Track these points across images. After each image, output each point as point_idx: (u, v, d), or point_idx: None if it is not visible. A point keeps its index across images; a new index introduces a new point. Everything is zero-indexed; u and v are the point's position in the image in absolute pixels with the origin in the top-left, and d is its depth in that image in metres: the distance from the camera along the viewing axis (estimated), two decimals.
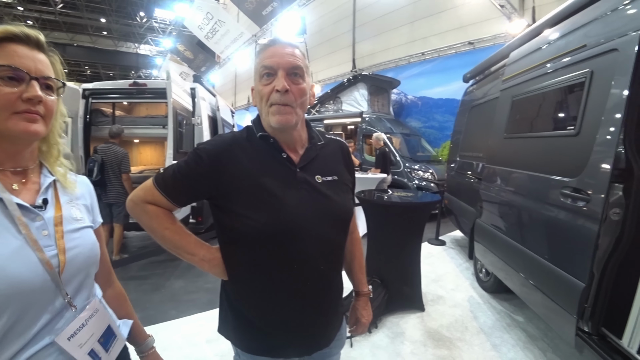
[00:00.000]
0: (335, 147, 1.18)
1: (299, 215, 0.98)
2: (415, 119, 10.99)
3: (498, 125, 3.18)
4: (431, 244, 5.48)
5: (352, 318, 1.34)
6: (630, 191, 1.82)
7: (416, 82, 11.10)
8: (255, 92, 1.01)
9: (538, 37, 2.84)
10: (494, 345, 2.77)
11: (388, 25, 12.55)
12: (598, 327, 2.01)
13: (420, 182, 7.18)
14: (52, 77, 0.77)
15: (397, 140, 8.40)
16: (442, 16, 10.65)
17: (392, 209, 3.20)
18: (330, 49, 15.82)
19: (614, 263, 1.89)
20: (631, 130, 1.81)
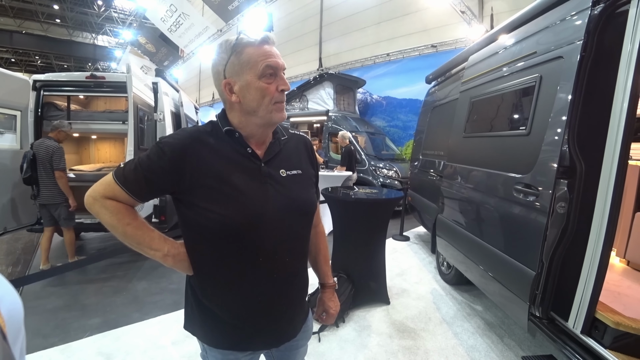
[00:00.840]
0: (298, 142, 1.20)
1: (263, 209, 1.00)
2: (380, 118, 11.24)
3: (457, 125, 3.34)
4: (396, 240, 5.65)
5: (320, 310, 1.36)
6: (573, 186, 1.99)
7: (381, 82, 11.35)
8: (250, 89, 0.97)
9: (494, 42, 3.02)
10: (455, 334, 2.93)
11: (354, 26, 12.73)
12: (548, 312, 2.18)
13: (385, 180, 7.37)
14: None
15: (363, 139, 8.57)
16: (407, 19, 10.94)
17: (356, 205, 3.28)
18: (297, 46, 15.80)
19: (561, 252, 2.07)
20: (574, 131, 1.99)
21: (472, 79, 3.23)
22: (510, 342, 2.83)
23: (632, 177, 2.90)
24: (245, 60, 0.96)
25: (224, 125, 1.03)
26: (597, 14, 1.96)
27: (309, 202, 1.14)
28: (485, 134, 2.87)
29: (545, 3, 2.44)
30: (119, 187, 0.99)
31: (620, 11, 1.92)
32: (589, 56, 1.96)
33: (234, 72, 0.98)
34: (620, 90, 1.82)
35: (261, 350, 1.16)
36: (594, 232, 1.90)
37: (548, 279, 2.12)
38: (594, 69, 1.96)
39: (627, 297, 2.31)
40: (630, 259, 2.89)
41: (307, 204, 1.13)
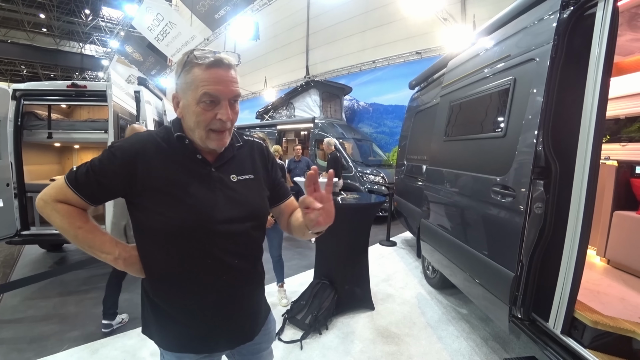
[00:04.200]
0: (253, 148, 1.22)
1: (212, 213, 1.02)
2: (367, 125, 11.30)
3: (438, 129, 3.36)
4: (383, 245, 5.64)
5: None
6: (549, 187, 2.00)
7: (367, 89, 11.44)
8: (189, 111, 0.99)
9: (471, 47, 3.05)
10: (439, 338, 2.91)
11: (340, 34, 12.86)
12: (529, 313, 2.18)
13: (372, 186, 7.38)
14: None
15: (350, 145, 8.59)
16: (391, 26, 11.09)
17: (337, 211, 3.26)
18: (284, 55, 15.92)
19: (539, 253, 2.07)
20: (548, 132, 2.01)
21: (451, 83, 3.26)
22: (495, 344, 2.82)
23: (610, 177, 2.94)
24: (189, 80, 0.97)
25: (176, 131, 1.05)
26: (566, 17, 1.99)
27: (259, 205, 1.16)
28: (464, 137, 2.89)
29: (518, 7, 2.48)
30: (71, 191, 0.99)
31: (588, 14, 1.96)
32: (560, 58, 1.99)
33: (180, 88, 1.01)
34: (589, 91, 1.85)
35: (216, 353, 1.16)
36: (570, 231, 1.91)
37: (528, 280, 2.12)
38: (565, 71, 2.00)
39: (606, 296, 2.32)
40: (610, 258, 2.92)
41: (257, 208, 1.15)
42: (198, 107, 0.97)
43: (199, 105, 0.96)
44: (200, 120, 0.97)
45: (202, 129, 0.99)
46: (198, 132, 1.00)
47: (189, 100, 0.98)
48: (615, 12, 1.81)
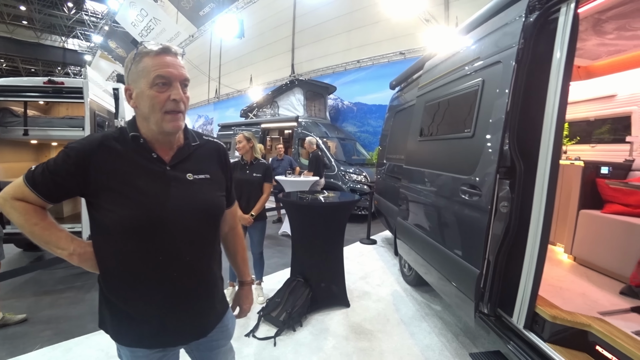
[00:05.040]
0: (211, 148, 1.26)
1: (165, 210, 1.05)
2: (351, 124, 11.37)
3: (414, 129, 3.42)
4: (363, 244, 5.69)
5: (234, 304, 1.45)
6: (514, 186, 2.06)
7: (352, 89, 11.52)
8: (143, 97, 1.03)
9: (446, 49, 3.11)
10: (411, 334, 2.96)
11: (326, 33, 12.90)
12: (495, 309, 2.24)
13: (355, 185, 7.43)
14: None
15: (333, 144, 8.62)
16: (376, 27, 11.17)
17: (310, 209, 3.29)
18: (270, 53, 15.87)
19: (505, 250, 2.13)
20: (513, 133, 2.07)
21: (426, 84, 3.32)
22: (465, 340, 2.89)
23: (576, 177, 3.04)
24: (140, 69, 1.02)
25: (131, 131, 1.08)
26: (531, 21, 2.05)
27: (215, 204, 1.20)
28: (437, 137, 2.94)
29: (488, 11, 2.54)
30: (28, 189, 1.03)
31: (552, 18, 2.02)
32: (524, 61, 2.05)
33: (132, 79, 1.05)
34: (551, 93, 1.91)
35: (170, 348, 1.18)
36: (532, 229, 1.97)
37: (494, 276, 2.18)
38: (530, 74, 2.05)
39: (568, 292, 2.40)
40: (576, 255, 3.01)
41: (213, 206, 1.19)
42: (152, 91, 1.02)
43: (153, 89, 1.01)
44: (155, 103, 1.02)
45: (157, 111, 1.03)
46: (153, 116, 1.03)
47: (142, 87, 1.02)
48: (575, 18, 1.88)
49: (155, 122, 1.04)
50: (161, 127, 1.05)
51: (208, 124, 20.83)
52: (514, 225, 2.09)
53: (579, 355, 1.92)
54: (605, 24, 2.60)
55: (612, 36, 2.82)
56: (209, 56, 20.32)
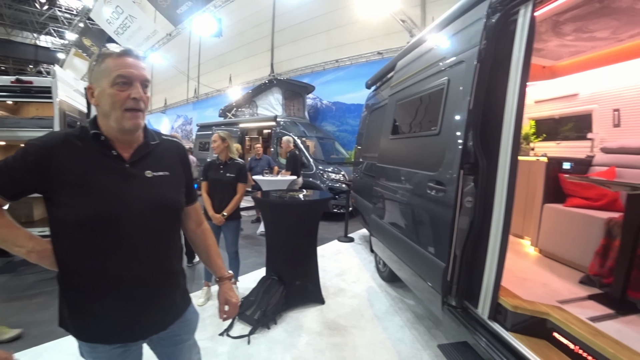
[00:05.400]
0: (170, 146, 1.30)
1: (123, 206, 1.08)
2: (330, 123, 11.44)
3: (386, 128, 3.48)
4: (340, 242, 5.75)
5: (222, 301, 1.43)
6: (477, 182, 2.13)
7: (331, 88, 11.59)
8: (104, 95, 1.07)
9: (415, 49, 3.18)
10: (384, 328, 3.02)
11: (306, 32, 12.91)
12: (462, 301, 2.31)
13: (333, 184, 7.48)
14: None
15: (312, 144, 8.66)
16: (354, 27, 11.26)
17: (283, 207, 3.31)
18: (249, 52, 15.78)
19: (470, 244, 2.19)
20: (477, 130, 2.13)
21: (397, 83, 3.38)
22: (437, 332, 2.96)
23: (540, 173, 3.16)
24: (103, 69, 1.07)
25: (92, 129, 1.11)
26: (492, 22, 2.12)
27: (173, 200, 1.23)
28: (407, 136, 3.01)
29: (454, 12, 2.61)
30: None
31: (511, 20, 2.10)
32: (486, 61, 2.12)
33: (94, 79, 1.09)
34: (511, 92, 1.99)
35: (130, 343, 1.19)
36: (495, 223, 2.04)
37: (461, 270, 2.25)
38: (492, 73, 2.12)
39: (531, 282, 2.50)
40: (541, 247, 3.13)
41: (171, 202, 1.22)
42: (112, 89, 1.05)
43: (113, 88, 1.05)
44: (116, 101, 1.06)
45: (117, 109, 1.06)
46: (114, 114, 1.07)
47: (104, 86, 1.06)
48: (532, 20, 1.96)
49: (116, 119, 1.07)
50: (121, 125, 1.08)
51: (187, 124, 20.54)
52: (478, 220, 2.16)
53: (539, 342, 2.01)
54: (564, 26, 2.71)
55: (571, 37, 2.94)
56: (188, 55, 20.02)
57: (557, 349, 1.95)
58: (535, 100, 4.21)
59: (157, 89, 22.96)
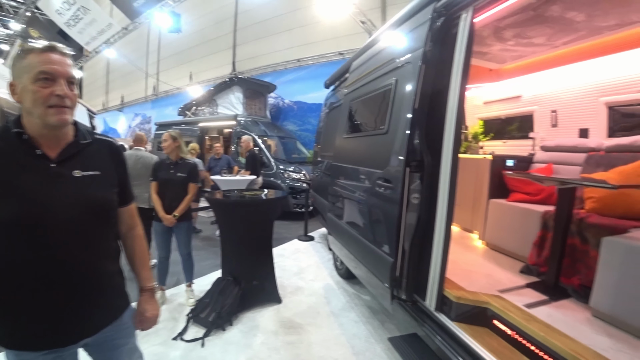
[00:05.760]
0: (102, 146, 1.25)
1: (47, 207, 1.04)
2: (292, 123, 11.45)
3: (341, 127, 3.53)
4: (301, 241, 5.77)
5: (138, 312, 1.37)
6: (423, 179, 2.21)
7: (293, 87, 11.61)
8: (26, 91, 1.03)
9: (368, 50, 3.25)
10: (340, 325, 3.06)
11: (268, 31, 12.85)
12: (411, 294, 2.39)
13: (294, 183, 7.48)
14: None
15: (273, 143, 8.62)
16: (317, 27, 11.33)
17: (236, 207, 3.29)
18: (210, 49, 15.46)
19: (417, 240, 2.27)
20: (422, 129, 2.21)
21: (351, 83, 3.44)
22: (391, 326, 3.05)
23: (486, 169, 3.32)
24: (25, 65, 1.03)
25: (14, 127, 1.06)
26: (436, 26, 2.21)
27: (104, 200, 1.19)
28: (359, 135, 3.07)
29: (404, 15, 2.69)
30: None
31: (454, 24, 2.19)
32: (430, 62, 2.20)
33: (16, 75, 1.05)
34: (452, 93, 2.08)
35: (60, 349, 1.13)
36: (439, 219, 2.13)
37: (410, 264, 2.32)
38: (436, 74, 2.21)
39: (476, 274, 2.62)
40: (487, 241, 3.29)
41: (102, 202, 1.18)
42: (35, 86, 1.01)
43: (36, 84, 1.01)
44: (37, 98, 1.02)
45: (39, 105, 1.02)
46: (36, 110, 1.03)
47: (25, 82, 1.02)
48: (472, 25, 2.06)
49: (39, 115, 1.04)
50: (45, 121, 1.04)
51: (146, 123, 19.78)
52: (424, 216, 2.23)
53: (480, 330, 2.12)
54: (504, 31, 2.87)
55: (512, 42, 3.12)
56: (147, 51, 19.27)
57: (496, 335, 2.07)
58: (484, 101, 4.43)
59: (113, 86, 21.99)
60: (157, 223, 3.23)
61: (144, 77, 19.39)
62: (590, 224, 2.34)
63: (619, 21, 2.64)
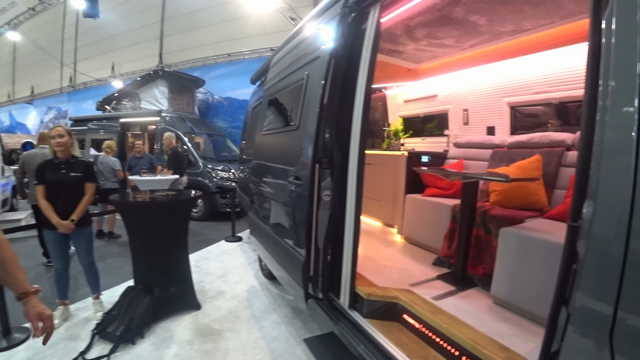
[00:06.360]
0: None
1: None
2: (222, 119, 11.07)
3: (260, 123, 3.42)
4: (228, 242, 5.55)
5: (34, 318, 1.19)
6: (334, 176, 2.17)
7: (223, 83, 11.21)
8: None
9: (287, 45, 3.17)
10: (260, 328, 2.96)
11: (198, 22, 12.29)
12: (327, 293, 2.35)
13: (223, 182, 7.19)
14: None
15: (202, 141, 8.24)
16: (248, 21, 11.03)
17: (144, 208, 3.04)
18: (135, 39, 14.38)
19: (329, 237, 2.22)
20: (332, 124, 2.16)
21: (271, 79, 3.34)
22: (313, 325, 3.00)
23: (402, 165, 3.41)
24: None
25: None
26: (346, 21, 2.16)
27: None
28: (274, 131, 2.98)
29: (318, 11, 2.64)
30: None
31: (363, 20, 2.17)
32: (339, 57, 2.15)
33: None
34: (359, 89, 2.06)
35: None
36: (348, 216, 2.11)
37: (324, 263, 2.27)
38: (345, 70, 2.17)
39: (390, 269, 2.66)
40: (405, 235, 3.39)
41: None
42: None
43: None
44: None
45: None
46: None
47: None
48: (379, 22, 2.06)
49: None
50: None
51: (61, 117, 17.84)
52: (335, 213, 2.19)
53: (391, 325, 2.14)
54: (415, 31, 2.95)
55: (424, 42, 3.23)
56: (62, 37, 17.35)
57: (406, 329, 2.10)
58: (405, 99, 4.57)
59: (21, 75, 19.59)
60: (48, 232, 2.80)
61: (59, 67, 17.51)
62: (492, 216, 2.47)
63: (515, 27, 2.83)
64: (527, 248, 2.02)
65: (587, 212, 0.93)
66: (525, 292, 2.01)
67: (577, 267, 0.98)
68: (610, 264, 0.87)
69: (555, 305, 1.08)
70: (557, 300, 1.07)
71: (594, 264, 0.92)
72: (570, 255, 1.04)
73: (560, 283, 1.07)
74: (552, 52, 2.93)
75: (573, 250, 1.02)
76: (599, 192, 0.90)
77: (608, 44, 0.90)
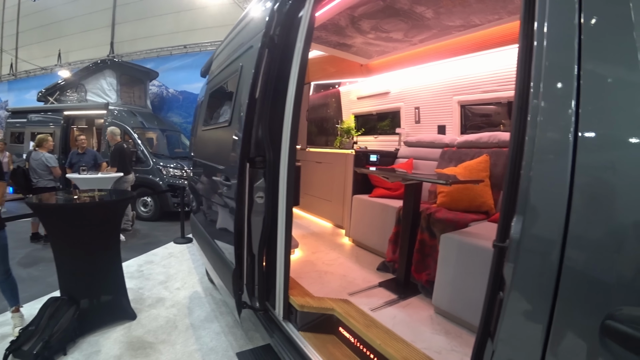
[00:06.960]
0: None
1: None
2: (177, 114, 10.58)
3: (200, 119, 3.20)
4: (177, 244, 5.25)
5: None
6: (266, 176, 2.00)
7: (178, 75, 10.71)
8: None
9: (229, 36, 2.95)
10: (198, 338, 2.74)
11: (153, 11, 11.69)
12: (263, 302, 2.18)
13: (175, 181, 6.82)
14: None
15: (154, 136, 7.79)
16: (204, 12, 10.61)
17: (64, 212, 2.71)
18: (85, 25, 13.45)
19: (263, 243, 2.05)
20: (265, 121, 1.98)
21: (212, 71, 3.12)
22: (255, 334, 2.82)
23: (350, 164, 3.29)
24: None
25: None
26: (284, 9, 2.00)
27: None
28: (210, 127, 2.78)
29: None
30: None
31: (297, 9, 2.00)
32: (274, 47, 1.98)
33: None
34: (291, 82, 1.89)
35: None
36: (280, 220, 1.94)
37: (260, 270, 2.10)
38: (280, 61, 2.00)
39: (331, 275, 2.53)
40: (353, 237, 3.27)
41: None
42: None
43: None
44: None
45: None
46: None
47: None
48: (314, 9, 1.90)
49: None
50: None
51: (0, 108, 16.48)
52: (268, 216, 2.02)
53: (327, 338, 2.00)
54: (361, 23, 2.81)
55: (372, 36, 3.10)
56: (1, 20, 16.06)
57: (342, 343, 1.97)
58: (358, 96, 4.46)
59: None
60: None
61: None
62: (437, 219, 2.38)
63: (463, 22, 2.76)
64: (467, 255, 1.93)
65: (515, 230, 0.80)
66: (466, 302, 1.93)
67: (503, 296, 0.85)
68: (541, 292, 0.75)
69: (480, 339, 0.96)
70: (483, 332, 0.96)
71: (522, 292, 0.80)
72: (497, 281, 0.92)
73: (485, 313, 0.95)
74: (500, 50, 2.89)
75: (499, 275, 0.90)
76: (529, 206, 0.78)
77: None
